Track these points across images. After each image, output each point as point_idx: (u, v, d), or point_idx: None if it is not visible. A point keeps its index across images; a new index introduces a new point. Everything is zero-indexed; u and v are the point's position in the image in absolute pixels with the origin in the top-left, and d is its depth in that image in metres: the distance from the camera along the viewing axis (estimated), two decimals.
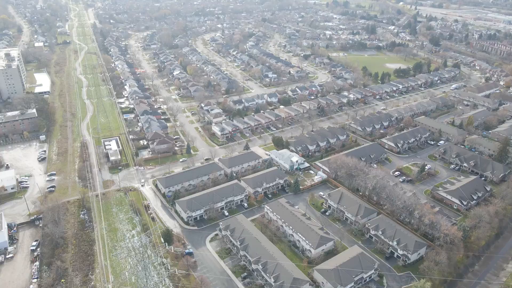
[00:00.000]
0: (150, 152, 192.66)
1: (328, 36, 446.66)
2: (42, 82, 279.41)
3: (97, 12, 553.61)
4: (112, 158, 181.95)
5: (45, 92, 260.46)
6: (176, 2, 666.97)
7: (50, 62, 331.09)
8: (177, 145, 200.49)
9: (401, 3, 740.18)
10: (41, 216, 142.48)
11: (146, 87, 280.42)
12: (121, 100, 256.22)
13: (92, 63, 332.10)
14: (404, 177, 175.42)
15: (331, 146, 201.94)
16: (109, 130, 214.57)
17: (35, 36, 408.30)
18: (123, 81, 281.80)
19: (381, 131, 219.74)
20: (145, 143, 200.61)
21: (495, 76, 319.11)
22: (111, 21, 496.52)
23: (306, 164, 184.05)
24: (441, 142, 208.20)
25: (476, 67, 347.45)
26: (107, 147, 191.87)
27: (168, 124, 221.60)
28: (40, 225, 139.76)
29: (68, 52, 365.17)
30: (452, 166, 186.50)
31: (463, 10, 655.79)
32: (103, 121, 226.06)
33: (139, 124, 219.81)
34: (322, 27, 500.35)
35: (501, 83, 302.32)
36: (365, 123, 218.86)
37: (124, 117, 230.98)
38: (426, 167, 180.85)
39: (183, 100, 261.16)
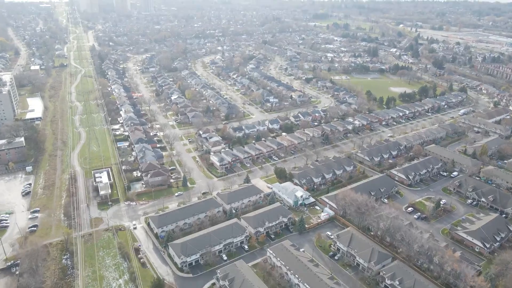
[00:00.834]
0: (144, 185, 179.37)
1: (330, 59, 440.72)
2: (35, 107, 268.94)
3: (97, 35, 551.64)
4: (102, 192, 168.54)
5: (36, 118, 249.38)
6: (176, 25, 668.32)
7: (45, 85, 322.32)
8: (173, 176, 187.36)
9: (401, 25, 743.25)
10: (18, 261, 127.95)
11: (143, 112, 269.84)
12: (116, 126, 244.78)
13: (88, 87, 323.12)
14: (418, 214, 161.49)
15: (337, 178, 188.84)
16: (101, 160, 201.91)
17: (32, 59, 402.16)
18: (118, 106, 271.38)
19: (390, 161, 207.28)
20: (139, 174, 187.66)
21: (504, 100, 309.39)
22: (110, 43, 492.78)
23: (312, 199, 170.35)
24: (455, 173, 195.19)
25: (483, 91, 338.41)
26: (97, 179, 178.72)
27: (164, 153, 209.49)
28: (17, 272, 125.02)
29: (65, 75, 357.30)
30: (468, 201, 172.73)
31: (463, 32, 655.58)
32: (95, 149, 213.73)
33: (133, 153, 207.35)
34: (323, 49, 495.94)
35: (511, 108, 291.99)
36: (372, 152, 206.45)
37: (118, 145, 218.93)
38: (441, 202, 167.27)
39: (181, 127, 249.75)
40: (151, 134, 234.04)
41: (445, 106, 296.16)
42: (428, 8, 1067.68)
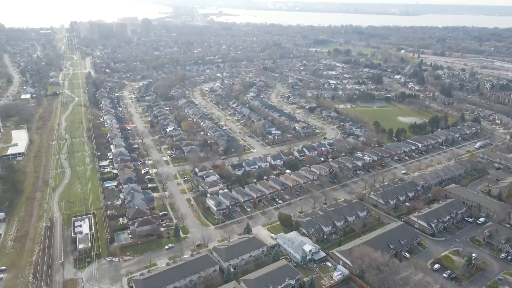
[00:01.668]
0: (130, 236, 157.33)
1: (333, 86, 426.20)
2: (19, 140, 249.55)
3: (94, 61, 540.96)
4: (80, 246, 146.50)
5: (19, 154, 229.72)
6: (176, 51, 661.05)
7: (34, 116, 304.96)
8: (164, 224, 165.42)
9: (403, 51, 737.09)
10: None
11: (135, 146, 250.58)
12: (105, 163, 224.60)
13: (79, 118, 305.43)
14: (448, 272, 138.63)
15: (349, 225, 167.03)
16: (85, 203, 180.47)
17: (24, 87, 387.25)
18: (109, 139, 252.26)
19: (407, 203, 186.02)
20: (125, 222, 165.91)
21: None
22: (107, 70, 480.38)
23: (322, 254, 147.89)
24: (481, 219, 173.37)
25: (497, 121, 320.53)
26: (76, 229, 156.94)
27: (155, 195, 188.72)
28: None
29: (56, 104, 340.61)
30: (502, 254, 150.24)
31: (467, 58, 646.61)
32: (79, 191, 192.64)
33: (121, 195, 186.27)
34: (326, 76, 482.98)
35: None
36: (387, 194, 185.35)
37: (105, 185, 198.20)
38: (472, 256, 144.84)
39: (176, 163, 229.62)
40: (143, 172, 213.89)
41: (459, 138, 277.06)
42: (428, 33, 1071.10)
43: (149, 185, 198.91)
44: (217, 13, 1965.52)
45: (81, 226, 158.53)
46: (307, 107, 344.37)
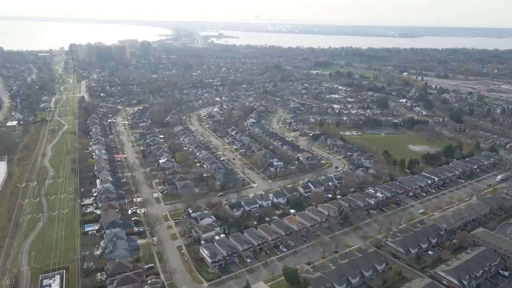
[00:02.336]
0: None
1: (337, 111, 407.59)
2: None
3: (89, 85, 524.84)
4: None
5: None
6: (174, 74, 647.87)
7: (18, 145, 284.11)
8: (148, 282, 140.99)
9: (405, 73, 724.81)
10: None
11: (124, 180, 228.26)
12: (88, 201, 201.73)
13: (67, 147, 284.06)
14: None
15: (366, 282, 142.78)
16: (59, 253, 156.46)
17: (13, 113, 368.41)
18: (96, 172, 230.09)
19: (430, 252, 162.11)
20: (104, 278, 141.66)
21: None
22: (102, 94, 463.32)
23: None
24: None
25: None
26: None
27: (141, 242, 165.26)
28: None
29: (44, 132, 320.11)
30: None
31: (472, 81, 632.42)
32: (55, 236, 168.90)
33: (102, 243, 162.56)
34: (329, 100, 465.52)
35: None
36: (407, 241, 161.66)
37: (86, 229, 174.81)
38: None
39: (167, 200, 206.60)
40: (130, 212, 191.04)
41: (477, 170, 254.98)
42: (429, 55, 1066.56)
43: (135, 229, 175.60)
44: (217, 35, 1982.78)
45: (49, 285, 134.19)
46: (310, 134, 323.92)
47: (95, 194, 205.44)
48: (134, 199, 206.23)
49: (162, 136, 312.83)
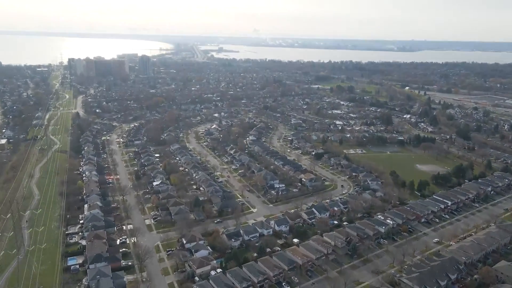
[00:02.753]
0: None
1: (340, 127, 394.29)
2: None
3: (85, 100, 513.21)
4: None
5: None
6: (173, 88, 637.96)
7: (5, 166, 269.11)
8: None
9: (407, 88, 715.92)
10: None
11: (114, 205, 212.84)
12: (74, 229, 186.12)
13: (57, 167, 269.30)
14: None
15: None
16: None
17: (4, 130, 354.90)
18: (84, 196, 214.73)
19: None
20: None
21: None
22: (98, 110, 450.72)
23: None
24: None
25: None
26: None
27: (129, 278, 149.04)
28: None
29: (34, 151, 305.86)
30: None
31: (476, 96, 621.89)
32: (33, 272, 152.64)
33: (85, 280, 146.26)
34: (331, 115, 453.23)
35: None
36: (424, 278, 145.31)
37: (68, 263, 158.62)
38: None
39: (160, 228, 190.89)
40: (118, 242, 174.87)
41: (492, 192, 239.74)
42: (430, 69, 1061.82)
43: (123, 262, 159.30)
44: (218, 50, 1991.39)
45: None
46: (313, 153, 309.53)
47: (81, 222, 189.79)
48: (124, 227, 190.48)
49: (157, 155, 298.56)
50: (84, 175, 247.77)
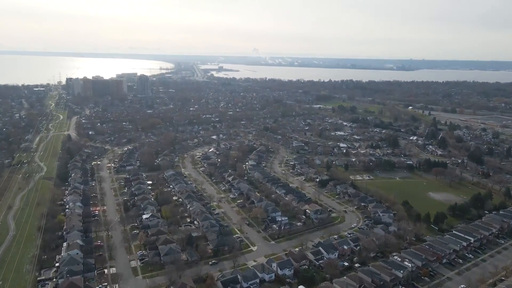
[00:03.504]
0: None
1: (344, 150, 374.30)
2: None
3: (79, 121, 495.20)
4: None
5: None
6: (170, 109, 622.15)
7: None
8: None
9: (410, 107, 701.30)
10: None
11: (97, 243, 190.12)
12: (49, 274, 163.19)
13: (39, 197, 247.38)
14: None
15: None
16: None
17: None
18: (64, 233, 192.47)
19: None
20: None
21: None
22: (90, 132, 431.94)
23: None
24: None
25: None
26: None
27: None
28: None
29: (17, 178, 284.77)
30: None
31: (482, 116, 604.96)
32: None
33: None
34: (334, 137, 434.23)
35: None
36: None
37: None
38: None
39: (147, 271, 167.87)
40: None
41: None
42: (431, 89, 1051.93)
43: None
44: (218, 69, 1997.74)
45: None
46: (317, 179, 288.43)
47: (57, 265, 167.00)
48: (106, 270, 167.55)
49: (150, 182, 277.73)
50: (67, 206, 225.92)
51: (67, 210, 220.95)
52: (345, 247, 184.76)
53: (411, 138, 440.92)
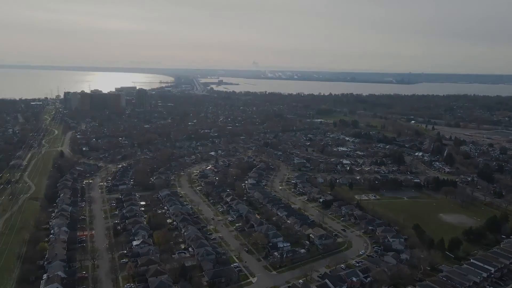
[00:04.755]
0: None
1: (348, 168, 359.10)
2: None
3: (74, 137, 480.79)
4: None
5: None
6: (168, 123, 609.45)
7: None
8: None
9: (413, 122, 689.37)
10: None
11: (82, 274, 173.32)
12: None
13: (23, 220, 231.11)
14: None
15: None
16: None
17: None
18: (45, 263, 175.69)
19: None
20: None
21: None
22: (84, 148, 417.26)
23: None
24: None
25: None
26: None
27: None
28: None
29: (3, 199, 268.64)
30: None
31: (487, 131, 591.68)
32: None
33: None
34: (337, 153, 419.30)
35: None
36: None
37: None
38: None
39: None
40: None
41: None
42: (432, 102, 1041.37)
43: None
44: (217, 82, 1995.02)
45: None
46: (320, 200, 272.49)
47: None
48: None
49: (143, 203, 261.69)
50: (52, 231, 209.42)
51: (51, 235, 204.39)
52: (354, 279, 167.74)
53: (416, 154, 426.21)
